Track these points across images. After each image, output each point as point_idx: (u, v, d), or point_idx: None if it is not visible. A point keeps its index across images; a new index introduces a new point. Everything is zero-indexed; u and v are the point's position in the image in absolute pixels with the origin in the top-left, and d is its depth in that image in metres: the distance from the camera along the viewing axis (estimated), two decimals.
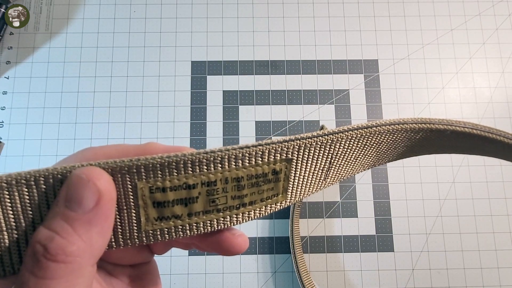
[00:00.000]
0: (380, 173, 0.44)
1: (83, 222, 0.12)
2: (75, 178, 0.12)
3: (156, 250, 0.18)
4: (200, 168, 0.13)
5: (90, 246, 0.12)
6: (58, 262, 0.11)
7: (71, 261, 0.11)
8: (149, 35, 0.47)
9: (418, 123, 0.16)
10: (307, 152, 0.15)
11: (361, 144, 0.16)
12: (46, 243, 0.11)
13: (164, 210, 0.14)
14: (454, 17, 0.48)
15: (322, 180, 0.17)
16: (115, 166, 0.13)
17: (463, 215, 0.43)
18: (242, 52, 0.47)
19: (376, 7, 0.48)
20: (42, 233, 0.12)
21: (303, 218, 0.42)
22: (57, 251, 0.11)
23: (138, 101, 0.45)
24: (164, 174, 0.13)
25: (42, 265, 0.11)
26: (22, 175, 0.12)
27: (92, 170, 0.12)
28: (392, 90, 0.46)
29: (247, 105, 0.45)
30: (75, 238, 0.12)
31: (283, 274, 0.41)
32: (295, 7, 0.48)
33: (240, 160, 0.14)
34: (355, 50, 0.47)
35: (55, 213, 0.12)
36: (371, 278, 0.41)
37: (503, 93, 0.46)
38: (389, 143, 0.17)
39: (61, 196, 0.12)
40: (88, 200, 0.12)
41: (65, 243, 0.11)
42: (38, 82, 0.45)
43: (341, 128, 0.15)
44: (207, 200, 0.14)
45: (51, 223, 0.12)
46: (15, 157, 0.43)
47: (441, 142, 0.18)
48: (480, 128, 0.16)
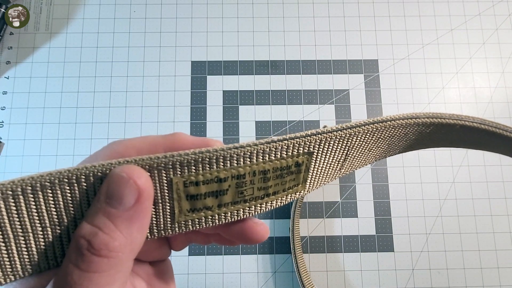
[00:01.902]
0: (380, 173, 0.44)
1: (124, 219, 0.12)
2: (116, 177, 0.12)
3: (175, 246, 0.18)
4: (231, 162, 0.14)
5: (131, 242, 0.13)
6: (101, 256, 0.12)
7: (113, 256, 0.12)
8: (149, 35, 0.47)
9: (430, 118, 0.17)
10: (327, 145, 0.16)
11: (375, 137, 0.17)
12: (90, 238, 0.12)
13: (197, 202, 0.14)
14: (454, 17, 0.48)
15: (337, 170, 0.18)
16: (152, 163, 0.13)
17: (463, 215, 0.43)
18: (242, 52, 0.47)
19: (376, 7, 0.48)
20: (86, 229, 0.12)
21: (303, 218, 0.42)
22: (100, 246, 0.12)
23: (138, 101, 0.45)
24: (198, 168, 0.14)
25: (86, 258, 0.12)
26: (64, 174, 0.12)
27: (132, 168, 0.13)
28: (392, 90, 0.46)
29: (247, 105, 0.45)
30: (117, 234, 0.12)
31: (283, 274, 0.41)
32: (295, 7, 0.48)
33: (267, 154, 0.14)
34: (355, 50, 0.47)
35: (97, 210, 0.12)
36: (371, 278, 0.41)
37: (503, 93, 0.46)
38: (400, 136, 0.18)
39: (102, 193, 0.12)
40: (129, 198, 0.12)
41: (108, 239, 0.12)
42: (38, 82, 0.45)
43: (359, 122, 0.16)
44: (236, 191, 0.15)
45: (94, 219, 0.12)
46: (15, 157, 0.43)
47: (450, 136, 0.18)
48: (488, 123, 0.17)
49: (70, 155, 0.43)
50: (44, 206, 0.12)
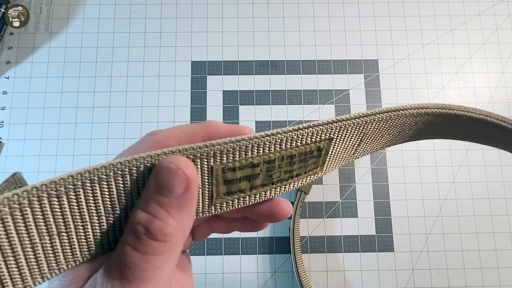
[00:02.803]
0: (380, 173, 0.44)
1: (175, 207, 0.13)
2: (166, 168, 0.13)
3: (197, 236, 0.19)
4: (263, 149, 0.15)
5: (182, 227, 0.14)
6: (158, 240, 0.13)
7: (168, 240, 0.13)
8: (149, 35, 0.47)
9: (439, 108, 0.18)
10: (345, 131, 0.17)
11: (388, 124, 0.18)
12: (147, 224, 0.13)
13: (232, 186, 0.16)
14: (454, 17, 0.48)
15: (351, 154, 0.19)
16: (196, 152, 0.14)
17: (463, 215, 0.43)
18: (242, 52, 0.47)
19: (376, 7, 0.48)
20: (141, 216, 0.13)
21: (303, 218, 0.42)
22: (157, 231, 0.13)
23: (138, 101, 0.45)
24: (235, 156, 0.15)
25: (144, 242, 0.13)
26: (117, 166, 0.13)
27: (180, 159, 0.13)
28: (392, 90, 0.46)
29: (247, 105, 0.45)
30: (170, 220, 0.13)
31: (283, 274, 0.41)
32: (295, 7, 0.48)
33: (295, 141, 0.16)
34: (355, 50, 0.47)
35: (149, 199, 0.13)
36: (371, 278, 0.41)
37: (503, 93, 0.46)
38: (411, 125, 0.19)
39: (152, 183, 0.13)
40: (179, 187, 0.13)
41: (163, 225, 0.13)
42: (38, 82, 0.45)
43: (375, 111, 0.17)
44: (266, 175, 0.16)
45: (148, 207, 0.13)
46: (15, 157, 0.43)
47: (456, 127, 0.20)
48: (493, 116, 0.18)
49: (70, 155, 0.43)
50: (100, 197, 0.13)
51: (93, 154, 0.43)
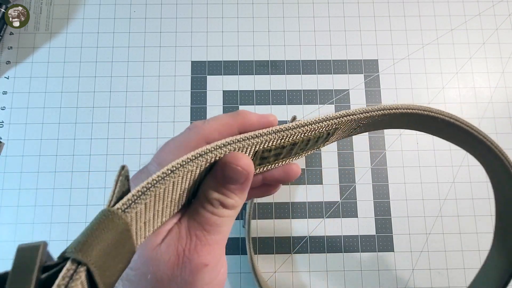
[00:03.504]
0: (380, 173, 0.44)
1: (238, 190, 0.19)
2: (231, 166, 0.18)
3: None
4: (292, 136, 0.20)
5: (242, 200, 0.20)
6: (229, 209, 0.19)
7: (235, 209, 0.20)
8: (149, 35, 0.47)
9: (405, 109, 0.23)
10: (348, 122, 0.21)
11: (375, 119, 0.23)
12: (221, 200, 0.19)
13: (264, 160, 0.21)
14: (454, 17, 0.48)
15: (347, 135, 0.24)
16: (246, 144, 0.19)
17: (463, 215, 0.43)
18: (242, 52, 0.47)
19: (376, 7, 0.48)
20: (216, 195, 0.19)
21: (303, 218, 0.42)
22: (228, 205, 0.19)
23: (138, 101, 0.45)
24: (272, 142, 0.19)
25: (220, 211, 0.19)
26: (195, 159, 0.17)
27: (241, 158, 0.18)
28: (392, 90, 0.46)
29: (247, 105, 0.45)
30: (236, 198, 0.19)
31: (284, 274, 0.41)
32: (295, 7, 0.48)
33: (314, 130, 0.20)
34: (355, 50, 0.47)
35: (219, 183, 0.19)
36: (371, 278, 0.41)
37: (503, 93, 0.46)
38: (397, 118, 0.24)
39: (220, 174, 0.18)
40: (241, 179, 0.19)
41: (232, 201, 0.19)
42: (38, 82, 0.45)
43: (370, 109, 0.21)
44: (288, 152, 0.21)
45: (220, 189, 0.19)
46: (15, 157, 0.43)
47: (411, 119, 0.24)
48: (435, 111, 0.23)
49: (70, 155, 0.43)
50: (185, 177, 0.17)
51: (93, 154, 0.43)
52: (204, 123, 0.20)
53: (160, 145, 0.23)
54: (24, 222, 0.42)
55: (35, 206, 0.42)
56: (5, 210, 0.42)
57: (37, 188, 0.42)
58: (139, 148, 0.44)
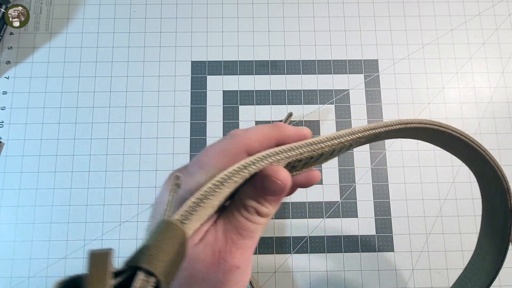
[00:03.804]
0: (380, 173, 0.44)
1: (274, 201, 0.21)
2: (270, 179, 0.19)
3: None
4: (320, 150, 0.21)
5: (275, 210, 0.21)
6: (263, 217, 0.20)
7: (268, 218, 0.21)
8: (149, 35, 0.47)
9: (425, 124, 0.25)
10: (370, 135, 0.23)
11: (385, 132, 0.24)
12: (257, 208, 0.20)
13: (294, 169, 0.22)
14: (454, 17, 0.48)
15: (363, 144, 0.25)
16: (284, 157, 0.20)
17: (463, 215, 0.43)
18: (242, 52, 0.47)
19: (376, 7, 0.48)
20: (252, 203, 0.20)
21: (303, 218, 0.42)
22: (263, 213, 0.20)
23: (138, 101, 0.45)
24: (303, 153, 0.21)
25: (255, 218, 0.20)
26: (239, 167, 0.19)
27: (280, 172, 0.20)
28: (392, 90, 0.46)
29: (247, 105, 0.45)
30: (270, 208, 0.21)
31: (283, 274, 0.41)
32: (295, 7, 0.48)
33: (341, 143, 0.22)
34: (355, 50, 0.47)
35: (256, 193, 0.20)
36: (371, 278, 0.41)
37: (503, 93, 0.46)
38: (411, 131, 0.26)
39: (260, 185, 0.20)
40: (278, 191, 0.20)
41: (267, 210, 0.20)
42: (38, 82, 0.45)
43: (393, 122, 0.23)
44: (315, 161, 0.23)
45: (257, 198, 0.20)
46: (15, 157, 0.43)
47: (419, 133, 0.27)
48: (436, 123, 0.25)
49: (70, 155, 0.43)
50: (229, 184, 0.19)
51: (93, 154, 0.43)
52: (245, 132, 0.21)
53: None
54: (24, 222, 0.42)
55: (35, 206, 0.42)
56: (5, 210, 0.42)
57: (37, 188, 0.42)
58: (139, 148, 0.44)
